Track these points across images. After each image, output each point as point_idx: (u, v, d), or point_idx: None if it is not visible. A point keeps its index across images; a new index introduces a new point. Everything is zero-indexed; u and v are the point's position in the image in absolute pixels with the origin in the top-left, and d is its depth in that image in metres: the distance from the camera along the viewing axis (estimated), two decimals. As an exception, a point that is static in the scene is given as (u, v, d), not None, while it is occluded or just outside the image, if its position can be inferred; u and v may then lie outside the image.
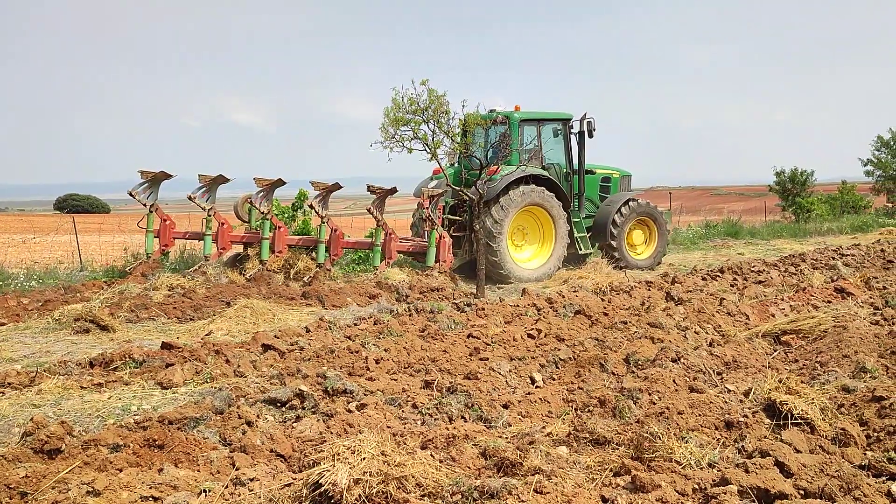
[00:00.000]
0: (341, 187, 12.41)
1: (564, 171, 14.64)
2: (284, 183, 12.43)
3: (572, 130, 14.61)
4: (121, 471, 3.83)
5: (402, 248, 12.72)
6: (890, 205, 32.09)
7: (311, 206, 12.43)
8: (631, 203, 14.76)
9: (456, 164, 13.99)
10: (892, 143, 31.64)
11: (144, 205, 12.35)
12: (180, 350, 6.76)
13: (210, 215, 12.41)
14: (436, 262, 12.25)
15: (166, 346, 6.93)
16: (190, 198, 12.42)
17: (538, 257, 13.80)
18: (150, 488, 3.58)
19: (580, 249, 14.32)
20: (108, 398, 5.62)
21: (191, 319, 9.11)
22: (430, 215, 12.21)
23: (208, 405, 4.99)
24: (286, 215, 14.23)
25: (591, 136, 14.40)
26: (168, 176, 12.47)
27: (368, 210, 12.39)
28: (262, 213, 12.16)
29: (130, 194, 12.38)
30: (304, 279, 11.76)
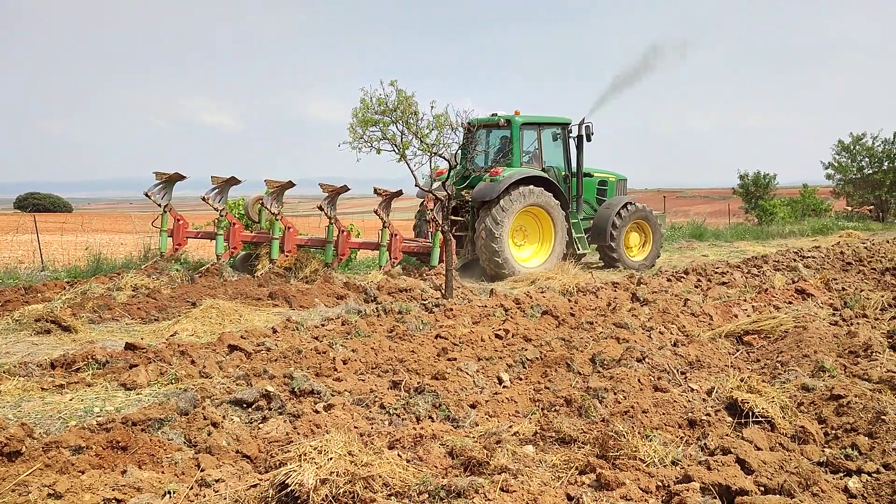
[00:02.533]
0: (349, 189, 12.77)
1: (563, 173, 15.06)
2: (293, 185, 12.72)
3: (571, 135, 15.06)
4: (83, 473, 3.77)
5: (407, 248, 13.14)
6: (849, 208, 32.84)
7: (319, 208, 12.69)
8: (629, 206, 15.18)
9: (458, 167, 14.24)
10: (851, 147, 32.37)
11: (159, 205, 12.59)
12: (144, 351, 6.67)
13: (222, 216, 12.70)
14: (439, 262, 12.55)
15: (130, 346, 6.83)
16: (204, 199, 12.69)
17: (538, 256, 14.18)
18: (114, 490, 3.54)
19: (578, 249, 14.77)
20: (70, 400, 5.52)
21: (155, 320, 9.00)
22: (434, 216, 12.47)
23: (173, 406, 4.94)
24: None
25: (589, 140, 14.87)
26: (182, 177, 12.69)
27: (375, 212, 12.72)
28: (273, 213, 12.43)
29: (146, 195, 12.60)
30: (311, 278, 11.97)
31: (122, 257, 13.82)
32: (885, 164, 31.33)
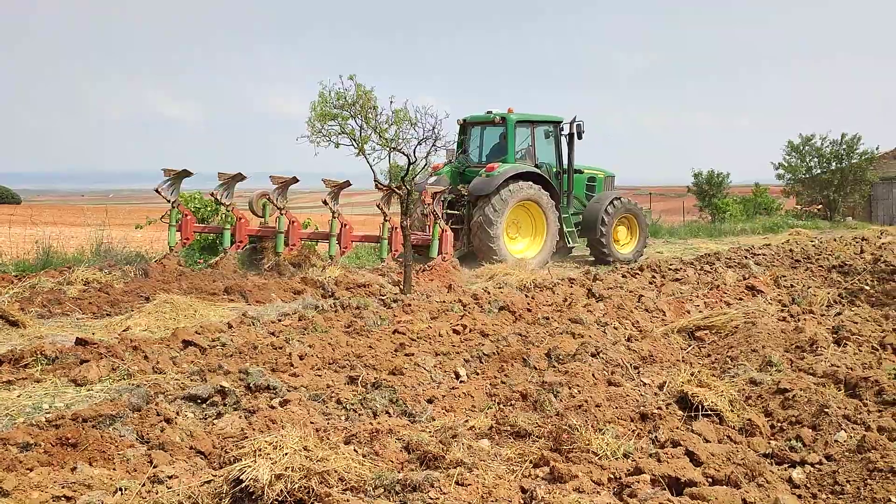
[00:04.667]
0: (350, 184, 13.03)
1: (554, 170, 15.62)
2: (297, 181, 13.07)
3: (562, 132, 15.70)
4: (31, 470, 3.70)
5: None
6: (799, 207, 33.67)
7: (324, 202, 12.94)
8: (616, 202, 15.69)
9: (454, 162, 15.07)
10: (801, 148, 33.16)
11: (168, 200, 12.71)
12: (96, 346, 6.55)
13: (228, 210, 12.93)
14: (438, 254, 12.86)
15: (81, 342, 6.69)
16: (212, 195, 12.96)
17: (530, 249, 14.66)
18: (63, 488, 3.48)
19: (568, 243, 15.51)
20: (18, 396, 5.40)
21: (107, 315, 8.82)
22: (433, 210, 12.85)
23: (125, 402, 4.86)
24: (209, 208, 14.02)
25: (580, 137, 15.49)
26: (189, 174, 12.88)
27: (378, 205, 12.94)
28: (279, 208, 12.73)
29: (157, 191, 12.74)
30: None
31: (73, 251, 13.51)
32: (833, 164, 32.19)
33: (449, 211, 14.20)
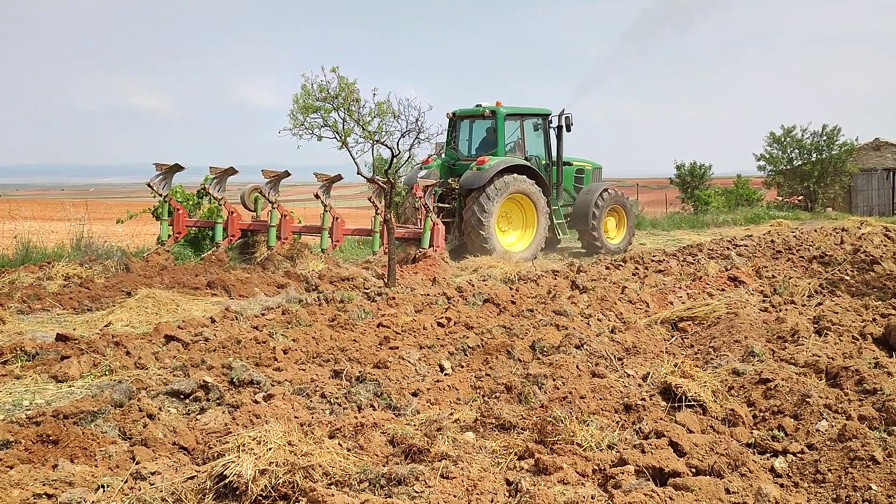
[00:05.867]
0: (342, 178, 13.31)
1: (543, 162, 15.73)
2: (289, 174, 13.21)
3: (551, 125, 15.81)
4: (11, 468, 3.66)
5: (398, 234, 13.54)
6: (780, 198, 33.91)
7: (316, 196, 13.09)
8: (605, 193, 15.85)
9: (443, 156, 15.26)
10: (782, 139, 33.37)
11: (160, 195, 13.03)
12: (77, 342, 6.48)
13: (220, 204, 13.24)
14: (430, 246, 12.94)
15: (62, 337, 6.63)
16: (204, 188, 13.31)
17: (521, 241, 14.83)
18: (44, 485, 3.44)
19: (558, 235, 15.62)
20: (-2, 393, 5.34)
21: (88, 310, 8.74)
22: (425, 203, 12.91)
23: (107, 398, 4.82)
24: (190, 202, 13.94)
25: (569, 130, 15.60)
26: (181, 168, 13.16)
27: (370, 199, 13.08)
28: (271, 202, 12.93)
29: (149, 185, 13.07)
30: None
31: (52, 245, 13.36)
32: (814, 155, 32.42)
33: (440, 204, 14.29)
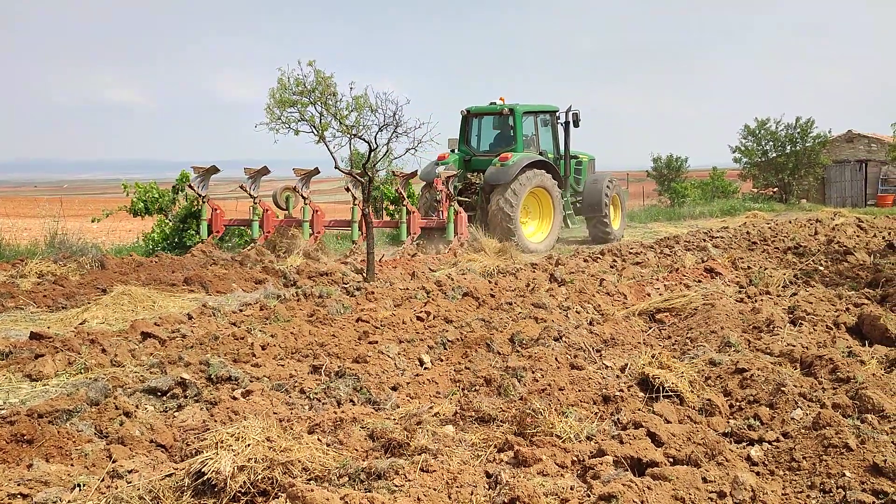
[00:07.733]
0: (319, 172, 14.02)
1: (551, 156, 16.55)
2: (318, 172, 14.02)
3: (559, 121, 16.78)
4: (-15, 468, 3.61)
5: (423, 224, 14.32)
6: (755, 190, 34.24)
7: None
8: (610, 182, 16.87)
9: (457, 151, 15.99)
10: (757, 131, 33.66)
11: (200, 195, 13.54)
12: (51, 340, 6.40)
13: (256, 203, 13.82)
14: (455, 235, 13.73)
15: (35, 335, 6.54)
16: (241, 187, 13.92)
17: (540, 232, 15.75)
18: (19, 485, 3.39)
19: (567, 225, 16.57)
20: (-30, 393, 5.26)
21: (63, 308, 8.63)
22: (448, 192, 13.77)
23: (82, 397, 4.76)
24: (165, 199, 13.88)
25: (576, 125, 16.54)
26: (217, 170, 13.78)
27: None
28: (304, 198, 13.68)
29: (190, 186, 13.66)
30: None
31: (26, 243, 13.19)
32: (788, 147, 32.75)
33: (459, 198, 14.87)
